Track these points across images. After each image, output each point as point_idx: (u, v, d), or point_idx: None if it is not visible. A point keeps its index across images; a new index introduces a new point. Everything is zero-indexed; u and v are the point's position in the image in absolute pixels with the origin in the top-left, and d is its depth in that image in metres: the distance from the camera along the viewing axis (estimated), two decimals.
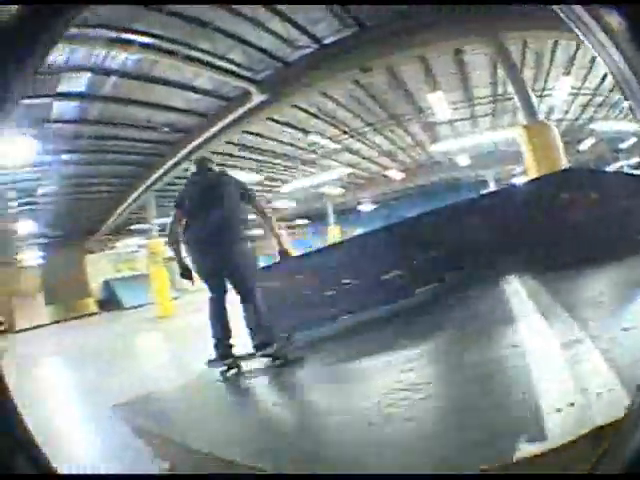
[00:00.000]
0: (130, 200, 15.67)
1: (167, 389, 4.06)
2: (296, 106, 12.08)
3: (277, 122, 12.73)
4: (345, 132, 15.55)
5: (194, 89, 9.92)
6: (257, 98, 9.96)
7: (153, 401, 3.63)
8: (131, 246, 23.84)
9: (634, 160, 25.54)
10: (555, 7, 0.91)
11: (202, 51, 8.19)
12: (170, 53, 7.88)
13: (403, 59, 10.45)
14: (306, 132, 14.16)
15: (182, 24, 7.36)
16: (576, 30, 0.87)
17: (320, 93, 11.68)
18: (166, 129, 11.42)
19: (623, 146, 25.22)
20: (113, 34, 6.94)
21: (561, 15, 0.89)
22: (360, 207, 28.02)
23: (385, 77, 11.75)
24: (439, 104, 13.13)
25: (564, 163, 8.47)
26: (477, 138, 18.16)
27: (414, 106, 14.45)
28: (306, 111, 12.79)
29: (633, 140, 24.12)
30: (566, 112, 18.51)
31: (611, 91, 16.35)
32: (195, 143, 11.88)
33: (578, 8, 0.83)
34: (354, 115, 14.23)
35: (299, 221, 29.81)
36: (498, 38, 9.58)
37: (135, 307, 18.63)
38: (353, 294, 4.29)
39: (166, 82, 9.32)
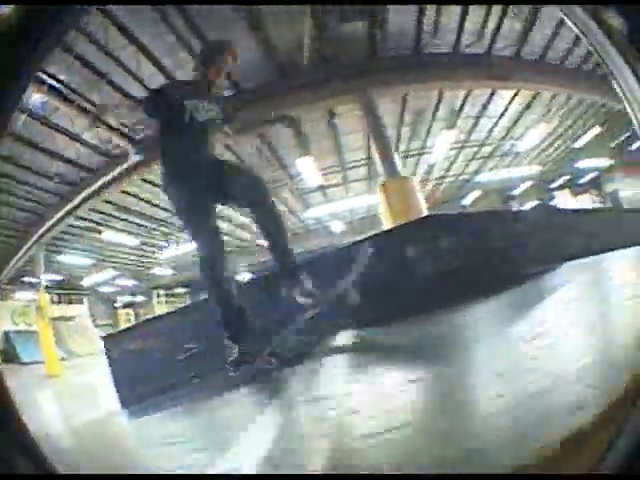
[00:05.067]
0: (23, 250, 14.81)
1: None
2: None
3: (152, 184, 12.43)
4: None
5: (84, 142, 9.91)
6: (134, 158, 9.85)
7: None
8: (24, 300, 21.76)
9: (531, 204, 25.87)
10: (555, 7, 0.93)
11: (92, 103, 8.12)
12: (70, 101, 7.81)
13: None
14: None
15: (85, 72, 7.48)
16: (576, 30, 0.88)
17: None
18: (57, 180, 11.10)
19: (515, 193, 26.07)
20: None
21: (561, 15, 0.90)
22: (237, 277, 27.26)
23: (256, 140, 11.79)
24: (309, 169, 13.02)
25: (424, 212, 8.43)
26: (350, 203, 18.24)
27: (285, 171, 14.53)
28: None
29: (527, 184, 24.86)
30: (449, 167, 18.96)
31: (502, 139, 17.25)
32: (79, 198, 11.70)
33: (578, 8, 0.84)
34: None
35: (178, 289, 28.24)
36: (368, 97, 9.94)
37: (34, 363, 16.92)
38: (198, 359, 3.85)
39: (64, 131, 9.29)
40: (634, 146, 21.41)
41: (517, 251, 3.48)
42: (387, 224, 8.36)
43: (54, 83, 7.38)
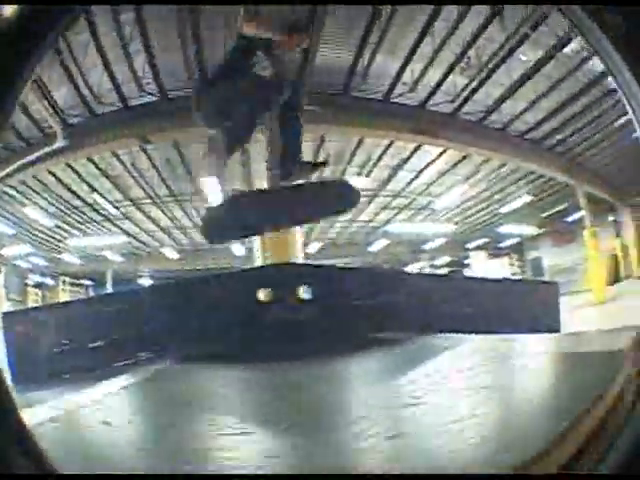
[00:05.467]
0: None
1: None
2: (91, 160, 12.02)
3: (74, 171, 12.51)
4: (130, 200, 15.53)
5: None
6: (61, 142, 9.97)
7: None
8: None
9: (442, 260, 26.61)
10: (555, 7, 0.94)
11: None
12: None
13: (186, 135, 10.61)
14: (92, 189, 13.89)
15: None
16: (576, 30, 0.88)
17: (112, 153, 11.82)
18: None
19: (426, 247, 25.95)
20: None
21: (561, 15, 0.90)
22: (140, 281, 26.70)
23: (171, 152, 12.09)
24: (212, 189, 12.39)
25: (299, 252, 8.67)
26: None
27: (193, 187, 14.50)
28: (97, 167, 12.68)
29: (441, 241, 24.98)
30: (357, 212, 18.65)
31: (419, 194, 17.43)
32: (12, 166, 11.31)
33: (578, 8, 0.84)
34: (137, 184, 14.25)
35: (85, 281, 27.58)
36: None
37: None
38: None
39: None
40: (570, 218, 22.52)
41: (381, 314, 3.31)
42: (260, 260, 8.56)
43: None
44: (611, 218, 21.72)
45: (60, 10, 0.72)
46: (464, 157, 14.72)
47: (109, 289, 22.66)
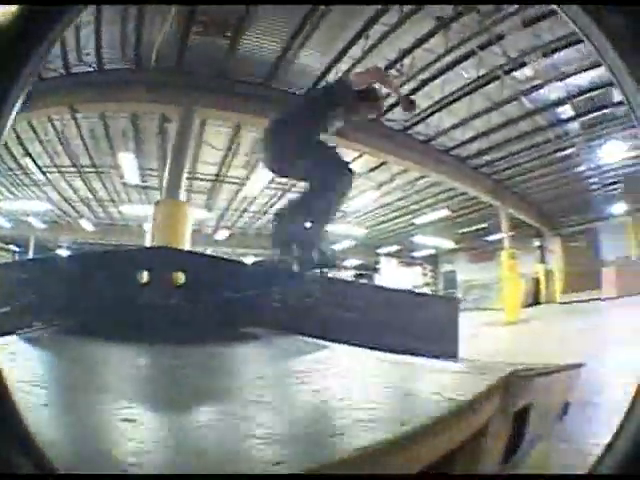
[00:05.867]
0: None
1: None
2: (29, 123, 11.82)
3: (15, 132, 12.22)
4: (55, 166, 15.28)
5: None
6: None
7: None
8: None
9: (352, 262, 27.39)
10: (555, 7, 0.92)
11: None
12: None
13: (109, 106, 10.77)
14: (25, 152, 13.70)
15: None
16: (576, 30, 0.87)
17: (48, 119, 11.74)
18: None
19: (335, 248, 27.11)
20: None
21: (561, 15, 0.90)
22: (59, 251, 26.70)
23: (96, 122, 11.98)
24: (128, 166, 13.30)
25: (187, 240, 8.90)
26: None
27: (112, 161, 14.43)
28: (34, 130, 12.47)
29: (350, 243, 25.62)
30: (268, 205, 19.45)
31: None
32: None
33: (578, 8, 0.83)
34: (65, 152, 14.09)
35: (12, 246, 27.59)
36: (188, 112, 10.10)
37: None
38: None
39: None
40: (491, 237, 23.09)
41: (251, 309, 3.18)
42: (150, 241, 8.79)
43: None
44: (537, 243, 22.81)
45: (60, 10, 0.71)
46: (381, 164, 14.96)
47: (30, 256, 21.96)
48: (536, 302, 21.77)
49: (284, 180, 15.48)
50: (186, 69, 9.83)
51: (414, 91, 10.79)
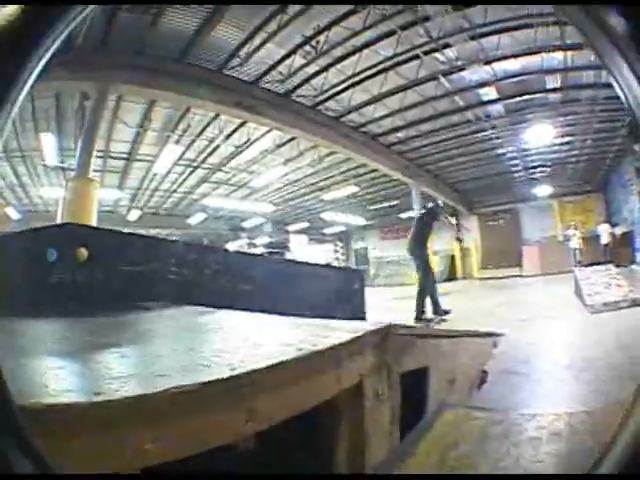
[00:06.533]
0: None
1: None
2: None
3: None
4: None
5: None
6: None
7: None
8: None
9: (263, 240, 27.62)
10: (555, 7, 0.92)
11: None
12: None
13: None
14: None
15: None
16: (576, 30, 0.86)
17: None
18: None
19: (246, 225, 27.18)
20: None
21: (561, 15, 0.93)
22: None
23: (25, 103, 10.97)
24: (49, 147, 12.83)
25: (94, 217, 9.00)
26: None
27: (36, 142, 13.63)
28: None
29: (259, 220, 26.26)
30: (177, 182, 19.23)
31: (241, 171, 17.81)
32: None
33: (578, 8, 0.82)
34: None
35: None
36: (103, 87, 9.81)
37: None
38: None
39: None
40: (404, 215, 23.61)
41: (149, 282, 3.19)
42: (60, 219, 8.59)
43: None
44: (453, 222, 23.92)
45: (60, 10, 0.68)
46: (291, 139, 14.96)
47: None
48: (452, 278, 22.71)
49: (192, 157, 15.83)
50: (109, 47, 9.36)
51: (327, 67, 10.80)
